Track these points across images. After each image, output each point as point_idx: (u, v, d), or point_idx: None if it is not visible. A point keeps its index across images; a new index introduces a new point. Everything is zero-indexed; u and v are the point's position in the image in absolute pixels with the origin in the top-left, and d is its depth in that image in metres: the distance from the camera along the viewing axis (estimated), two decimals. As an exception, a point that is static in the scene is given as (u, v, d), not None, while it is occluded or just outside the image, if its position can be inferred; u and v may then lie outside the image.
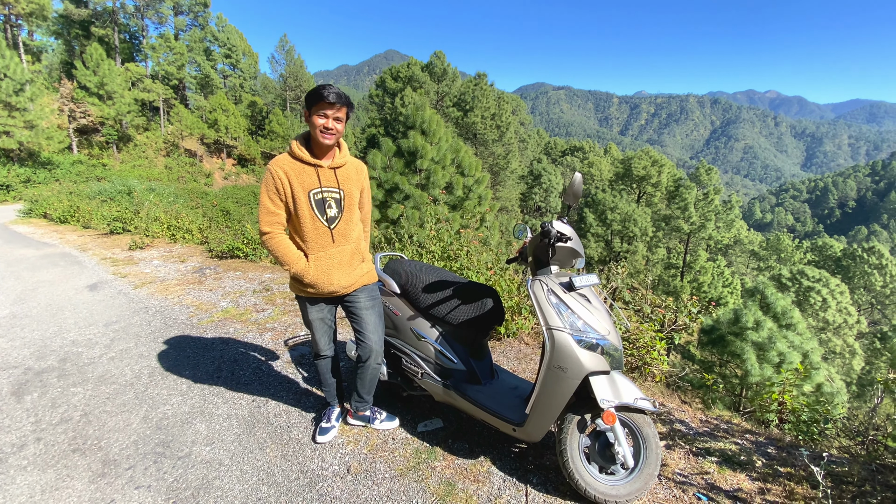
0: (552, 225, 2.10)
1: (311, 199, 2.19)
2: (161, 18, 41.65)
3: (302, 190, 2.17)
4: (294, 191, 2.16)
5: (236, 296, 5.52)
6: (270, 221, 2.20)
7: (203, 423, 2.80)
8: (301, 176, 2.17)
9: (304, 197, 2.18)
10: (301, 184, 2.17)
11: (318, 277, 2.27)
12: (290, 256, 2.23)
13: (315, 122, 2.10)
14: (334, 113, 2.10)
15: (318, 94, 2.05)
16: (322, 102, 2.06)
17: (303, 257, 2.26)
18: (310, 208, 2.19)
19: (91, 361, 3.71)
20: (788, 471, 2.34)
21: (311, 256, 2.26)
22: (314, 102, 2.07)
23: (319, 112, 2.09)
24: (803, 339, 13.59)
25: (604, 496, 2.05)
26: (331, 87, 2.08)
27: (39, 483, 2.30)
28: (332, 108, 2.08)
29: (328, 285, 2.30)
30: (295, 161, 2.18)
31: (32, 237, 10.90)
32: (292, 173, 2.16)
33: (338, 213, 2.27)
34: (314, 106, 2.08)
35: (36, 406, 3.03)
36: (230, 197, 33.95)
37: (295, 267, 2.24)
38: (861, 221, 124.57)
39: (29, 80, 26.11)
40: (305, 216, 2.19)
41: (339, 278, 2.32)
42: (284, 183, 2.15)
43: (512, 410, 2.27)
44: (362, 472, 2.34)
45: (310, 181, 2.18)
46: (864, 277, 41.06)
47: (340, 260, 2.31)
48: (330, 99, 2.05)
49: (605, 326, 2.08)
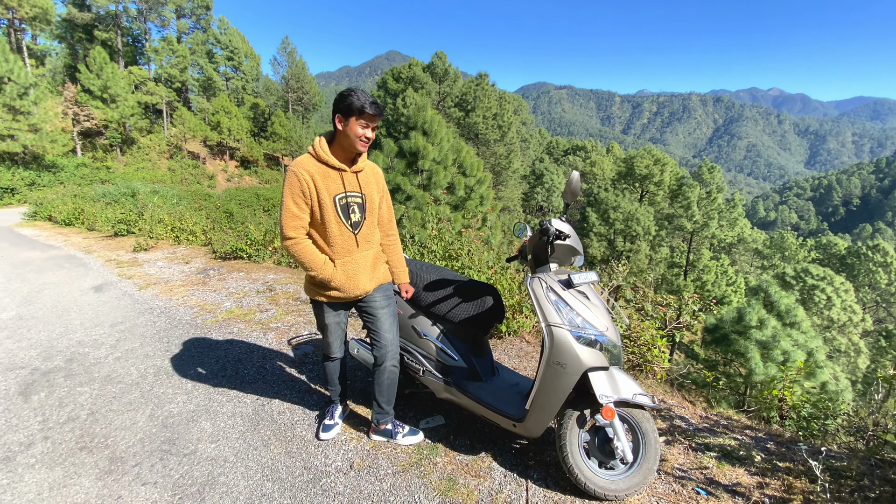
0: (551, 223, 2.13)
1: (336, 204, 2.16)
2: (163, 21, 41.86)
3: (328, 194, 2.13)
4: (320, 195, 2.12)
5: (240, 296, 5.57)
6: (295, 226, 2.13)
7: (208, 420, 2.84)
8: (326, 180, 2.13)
9: (330, 202, 2.14)
10: (327, 188, 2.13)
11: (346, 283, 2.25)
12: (317, 262, 2.18)
13: (356, 130, 2.08)
14: (374, 123, 2.11)
15: (367, 104, 2.05)
16: (367, 114, 2.06)
17: (329, 262, 2.21)
18: (335, 213, 2.16)
19: (97, 361, 3.76)
20: (787, 465, 2.36)
21: (338, 262, 2.23)
22: (356, 112, 2.05)
23: (361, 122, 2.08)
24: (808, 338, 13.54)
25: (603, 490, 2.08)
26: (372, 98, 2.08)
27: (48, 480, 2.34)
28: (373, 119, 2.09)
29: (355, 290, 2.29)
30: (320, 164, 2.14)
31: (38, 239, 10.99)
32: (318, 176, 2.11)
33: (361, 218, 2.25)
34: (357, 116, 2.06)
35: (43, 405, 3.08)
36: (233, 199, 34.06)
37: (323, 273, 2.19)
38: (865, 219, 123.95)
39: (33, 84, 26.28)
40: (331, 221, 2.16)
41: (365, 283, 2.31)
42: (311, 186, 2.10)
43: (512, 406, 2.30)
44: (365, 468, 2.37)
45: (335, 186, 2.15)
46: (868, 275, 40.88)
47: (365, 265, 2.31)
48: (374, 111, 2.06)
49: (603, 323, 2.10)
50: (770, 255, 50.05)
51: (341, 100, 2.07)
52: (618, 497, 2.09)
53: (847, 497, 2.11)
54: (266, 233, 8.29)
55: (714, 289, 31.82)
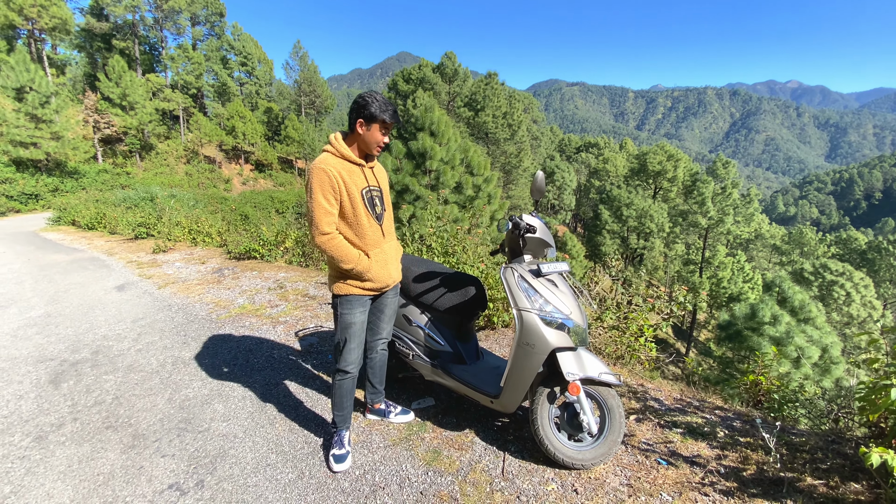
0: (521, 218, 2.36)
1: (363, 197, 2.25)
2: (179, 29, 42.86)
3: (356, 188, 2.22)
4: (349, 190, 2.19)
5: (252, 293, 5.88)
6: (329, 222, 2.18)
7: (220, 403, 3.12)
8: (352, 175, 2.22)
9: (359, 195, 2.23)
10: (354, 182, 2.21)
11: (380, 273, 2.35)
12: (353, 255, 2.23)
13: (377, 137, 2.20)
14: (390, 129, 2.26)
15: (385, 114, 2.17)
16: (390, 122, 2.20)
17: (364, 255, 2.29)
18: (364, 206, 2.25)
19: (120, 353, 4.08)
20: (748, 440, 2.54)
21: (371, 253, 2.32)
22: (378, 119, 2.16)
23: (382, 129, 2.20)
24: (822, 334, 13.43)
25: (571, 460, 2.30)
26: (393, 106, 2.21)
27: (77, 455, 2.63)
28: (392, 125, 2.24)
29: (388, 279, 2.41)
30: (343, 160, 2.22)
31: (62, 243, 11.50)
32: (344, 172, 2.19)
33: (382, 210, 2.38)
34: (378, 122, 2.18)
35: (72, 392, 3.39)
36: (248, 201, 34.82)
37: (360, 265, 2.25)
38: (888, 213, 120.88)
39: (54, 93, 27.21)
40: (362, 214, 2.24)
41: (394, 272, 2.46)
42: (340, 182, 2.16)
43: (490, 385, 2.53)
44: (359, 443, 2.62)
45: (360, 180, 2.25)
46: (890, 270, 40.04)
47: (392, 254, 2.46)
48: (394, 119, 2.21)
49: (569, 307, 2.32)
50: (789, 250, 49.27)
51: (365, 106, 2.15)
52: (584, 466, 2.30)
53: (799, 467, 2.30)
54: (278, 233, 8.62)
55: (730, 286, 31.48)
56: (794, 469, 2.28)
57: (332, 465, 2.42)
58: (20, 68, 25.20)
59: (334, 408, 2.50)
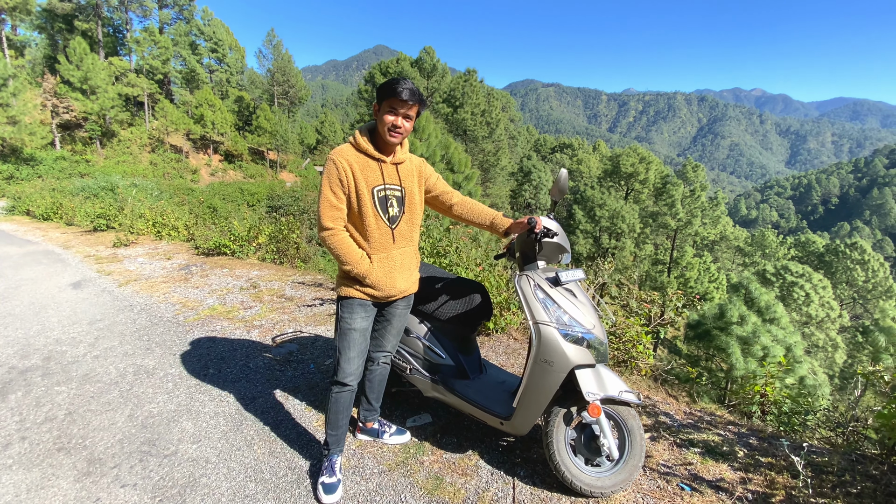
0: (539, 221, 2.12)
1: (374, 196, 2.04)
2: (145, 12, 41.08)
3: (366, 185, 2.02)
4: (358, 185, 2.00)
5: (223, 293, 5.48)
6: (333, 216, 2.02)
7: (189, 420, 2.78)
8: (365, 170, 2.02)
9: (368, 193, 2.02)
10: (365, 179, 2.02)
11: (382, 280, 2.12)
12: (354, 256, 2.05)
13: (385, 118, 1.96)
14: (406, 111, 1.96)
15: (391, 89, 1.91)
16: (394, 99, 1.92)
17: (366, 258, 2.10)
18: (373, 206, 2.04)
19: (75, 360, 3.67)
20: (770, 461, 2.39)
21: (375, 257, 2.11)
22: (386, 97, 1.93)
23: (390, 108, 1.95)
24: (786, 333, 13.83)
25: (589, 487, 2.08)
26: (405, 83, 1.93)
27: (25, 482, 2.27)
28: (405, 105, 1.94)
29: (391, 289, 2.16)
30: (359, 154, 2.03)
31: (15, 234, 10.72)
32: (357, 166, 2.01)
33: (399, 213, 2.13)
34: (386, 100, 1.95)
35: (20, 405, 2.99)
36: (217, 193, 33.60)
37: (359, 268, 2.06)
38: (844, 218, 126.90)
39: (12, 76, 25.68)
40: (369, 214, 2.04)
41: (401, 282, 2.20)
42: (349, 175, 1.99)
43: (499, 404, 2.29)
44: (351, 468, 2.34)
45: (374, 177, 2.04)
46: (846, 272, 41.87)
47: (402, 262, 2.19)
48: (403, 96, 1.90)
49: (590, 321, 2.10)
50: (751, 252, 50.99)
51: (380, 86, 1.97)
52: (604, 494, 2.09)
53: (829, 492, 2.15)
54: (250, 228, 8.17)
55: (697, 285, 32.35)
56: (824, 494, 2.13)
57: (320, 496, 2.13)
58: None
59: (328, 426, 2.23)
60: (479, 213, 2.32)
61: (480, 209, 2.33)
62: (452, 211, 2.34)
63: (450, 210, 2.34)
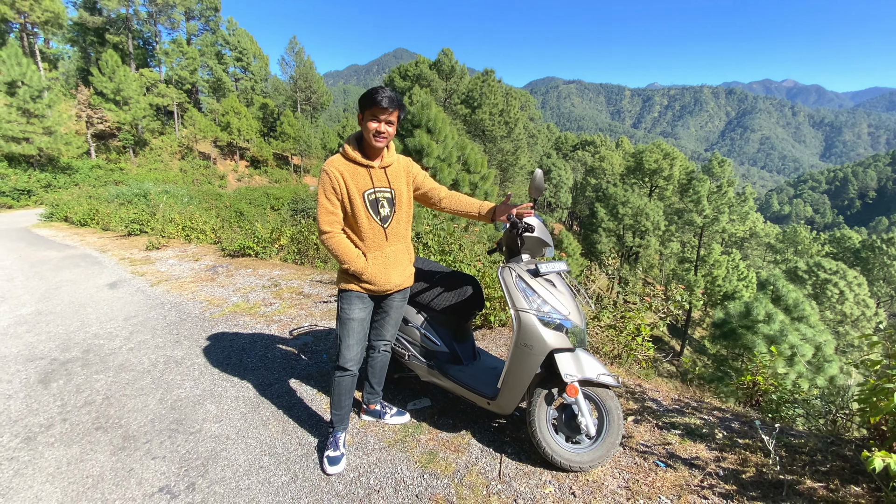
0: (519, 217, 2.32)
1: (365, 200, 2.24)
2: (173, 24, 42.53)
3: (357, 191, 2.21)
4: (350, 191, 2.20)
5: (246, 291, 5.82)
6: (330, 221, 2.24)
7: (213, 403, 3.07)
8: (355, 177, 2.21)
9: (360, 197, 2.22)
10: (356, 185, 2.21)
11: (377, 276, 2.33)
12: (350, 255, 2.27)
13: (369, 126, 2.14)
14: (387, 117, 2.13)
15: (372, 99, 2.08)
16: (375, 107, 2.09)
17: (362, 256, 2.30)
18: (365, 209, 2.25)
19: (112, 352, 4.02)
20: (746, 442, 2.52)
21: (370, 255, 2.31)
22: (367, 106, 2.11)
23: (372, 116, 2.13)
24: (816, 332, 13.50)
25: (569, 462, 2.26)
26: (384, 91, 2.09)
27: (66, 456, 2.57)
28: (385, 112, 2.11)
29: (387, 283, 2.37)
30: (348, 162, 2.22)
31: (54, 240, 11.38)
32: (347, 174, 2.20)
33: (390, 213, 2.33)
34: (367, 110, 2.13)
35: (62, 391, 3.33)
36: (243, 198, 34.58)
37: (355, 265, 2.27)
38: (882, 212, 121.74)
39: (46, 88, 26.95)
40: (362, 216, 2.24)
41: (396, 276, 2.40)
42: (340, 183, 2.19)
43: (487, 386, 2.49)
44: (354, 445, 2.58)
45: (363, 182, 2.23)
46: (883, 269, 40.32)
47: (396, 258, 2.39)
48: (383, 104, 2.08)
49: (567, 308, 2.28)
50: (783, 249, 49.53)
51: (361, 97, 2.15)
52: (582, 468, 2.27)
53: (798, 470, 2.27)
54: (273, 230, 8.55)
55: (725, 284, 31.63)
56: (794, 471, 2.25)
57: (326, 468, 2.38)
58: (12, 62, 24.92)
59: (332, 406, 2.48)
60: (466, 203, 2.53)
61: (467, 200, 2.54)
62: (441, 205, 2.55)
63: (439, 204, 2.55)
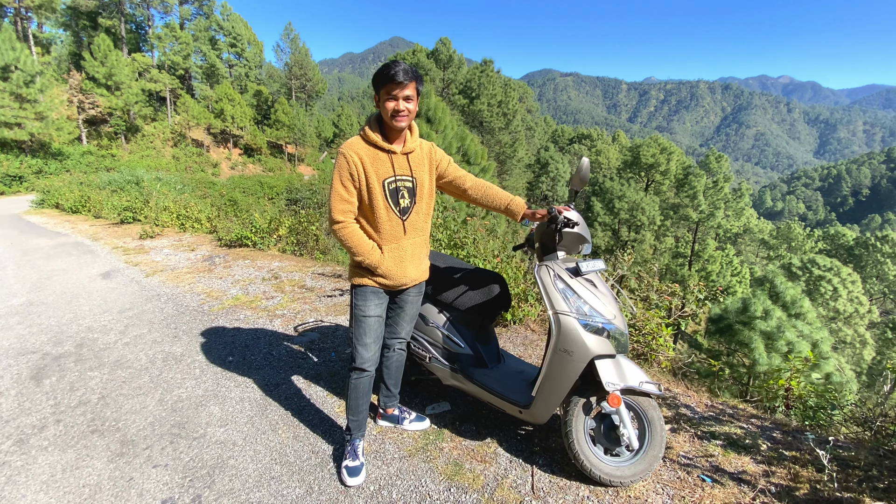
0: (559, 211, 2.12)
1: (385, 189, 2.04)
2: (166, 8, 41.69)
3: (377, 178, 2.01)
4: (369, 179, 2.00)
5: (246, 283, 5.59)
6: (343, 210, 2.03)
7: (217, 405, 2.87)
8: (376, 163, 2.01)
9: (379, 186, 2.02)
10: (376, 171, 2.01)
11: (392, 270, 2.14)
12: (364, 247, 2.06)
13: (386, 106, 1.93)
14: (403, 92, 1.92)
15: (385, 75, 1.89)
16: (390, 83, 1.89)
17: (377, 248, 2.10)
18: (384, 198, 2.04)
19: (106, 347, 3.80)
20: (794, 454, 2.36)
21: (385, 248, 2.12)
22: (382, 84, 1.91)
23: (388, 94, 1.92)
24: (813, 329, 13.49)
25: (608, 477, 2.09)
26: (396, 65, 1.89)
27: (60, 462, 2.37)
28: (400, 86, 1.90)
29: (402, 277, 2.18)
30: (369, 146, 2.02)
31: (46, 227, 11.08)
32: (367, 159, 2.00)
33: (410, 204, 2.13)
34: (382, 88, 1.92)
35: (55, 389, 3.12)
36: (237, 186, 34.11)
37: (369, 259, 2.07)
38: (875, 210, 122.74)
39: (39, 72, 26.34)
40: (380, 207, 2.04)
41: (412, 271, 2.22)
42: (359, 168, 1.98)
43: (518, 393, 2.31)
44: (372, 453, 2.39)
45: (384, 169, 2.03)
46: (876, 266, 40.57)
47: (413, 252, 2.20)
48: (398, 78, 1.88)
49: (610, 311, 2.10)
50: (776, 245, 49.74)
51: (373, 76, 1.95)
52: (623, 483, 2.10)
53: (855, 486, 2.12)
54: (271, 220, 8.31)
55: (719, 279, 31.71)
56: (850, 488, 2.10)
57: (344, 479, 2.18)
58: (5, 47, 24.38)
59: (349, 411, 2.29)
60: (493, 196, 2.32)
61: (495, 192, 2.32)
62: (467, 195, 2.34)
63: (464, 194, 2.34)
